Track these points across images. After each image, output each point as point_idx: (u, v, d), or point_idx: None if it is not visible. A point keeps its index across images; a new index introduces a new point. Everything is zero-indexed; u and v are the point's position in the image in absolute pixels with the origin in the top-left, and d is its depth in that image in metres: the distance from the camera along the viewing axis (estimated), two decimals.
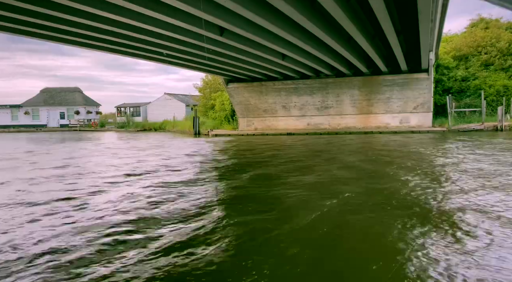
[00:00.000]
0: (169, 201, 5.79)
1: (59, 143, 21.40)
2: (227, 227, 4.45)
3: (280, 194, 6.27)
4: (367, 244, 3.95)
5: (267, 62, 16.63)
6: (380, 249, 3.77)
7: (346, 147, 14.51)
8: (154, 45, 12.84)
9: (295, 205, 5.57)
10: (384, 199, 5.69)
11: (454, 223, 4.37)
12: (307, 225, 4.49)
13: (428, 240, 3.84)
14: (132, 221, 4.75)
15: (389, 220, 4.58)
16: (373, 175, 7.93)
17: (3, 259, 3.57)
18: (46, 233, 4.30)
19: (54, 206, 5.61)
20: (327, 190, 6.56)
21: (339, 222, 4.72)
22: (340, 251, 3.82)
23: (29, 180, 8.17)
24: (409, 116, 21.88)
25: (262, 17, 9.21)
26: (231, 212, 5.18)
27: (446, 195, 5.81)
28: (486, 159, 9.40)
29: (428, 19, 9.91)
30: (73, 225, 4.63)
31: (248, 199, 6.08)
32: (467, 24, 30.02)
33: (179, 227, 4.45)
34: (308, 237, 4.14)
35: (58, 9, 8.64)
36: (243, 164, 10.88)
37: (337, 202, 5.55)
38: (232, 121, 27.37)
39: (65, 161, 11.61)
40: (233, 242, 3.97)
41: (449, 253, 3.48)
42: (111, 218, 4.88)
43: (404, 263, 3.30)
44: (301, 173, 8.36)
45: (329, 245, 3.93)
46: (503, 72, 24.46)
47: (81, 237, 4.15)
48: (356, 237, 4.18)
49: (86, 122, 43.49)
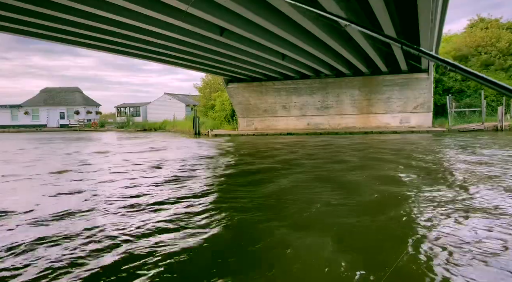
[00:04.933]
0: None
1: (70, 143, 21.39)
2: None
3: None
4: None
5: (267, 62, 16.63)
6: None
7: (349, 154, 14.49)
8: (154, 45, 12.83)
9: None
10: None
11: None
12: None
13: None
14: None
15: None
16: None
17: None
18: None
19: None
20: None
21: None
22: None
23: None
24: (409, 116, 21.88)
25: (262, 17, 9.21)
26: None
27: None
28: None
29: (428, 19, 9.91)
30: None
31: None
32: (467, 24, 30.06)
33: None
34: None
35: (58, 9, 8.65)
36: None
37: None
38: (232, 121, 27.37)
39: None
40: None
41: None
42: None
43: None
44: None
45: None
46: (503, 72, 24.48)
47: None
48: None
49: (86, 122, 43.50)
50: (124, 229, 4.35)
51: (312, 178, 7.57)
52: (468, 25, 29.47)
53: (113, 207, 5.43)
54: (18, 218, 4.96)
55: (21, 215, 5.07)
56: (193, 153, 13.49)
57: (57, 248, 3.76)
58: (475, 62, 25.26)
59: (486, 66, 25.12)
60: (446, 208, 4.91)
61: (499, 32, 26.17)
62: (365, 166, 9.07)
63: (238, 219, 4.78)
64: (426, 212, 4.76)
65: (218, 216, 4.86)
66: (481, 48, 25.82)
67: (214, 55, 14.56)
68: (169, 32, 10.70)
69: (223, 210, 5.19)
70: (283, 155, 12.08)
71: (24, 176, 8.65)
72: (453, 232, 3.93)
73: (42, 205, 5.69)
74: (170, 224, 4.55)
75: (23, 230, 4.43)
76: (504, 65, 24.73)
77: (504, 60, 24.88)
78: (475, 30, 27.80)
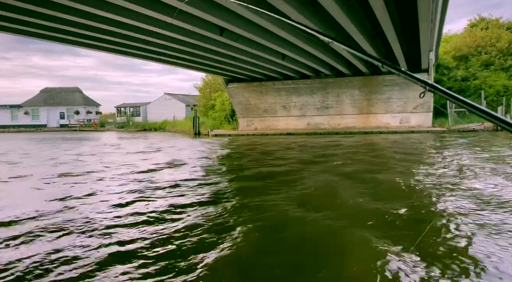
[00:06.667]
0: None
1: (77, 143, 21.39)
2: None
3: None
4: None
5: (267, 62, 16.63)
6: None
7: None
8: (154, 45, 12.83)
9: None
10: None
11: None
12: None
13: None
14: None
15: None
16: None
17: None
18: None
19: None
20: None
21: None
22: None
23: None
24: (409, 116, 21.87)
25: (262, 17, 9.21)
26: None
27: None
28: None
29: (428, 19, 9.91)
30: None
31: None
32: (467, 24, 30.07)
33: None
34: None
35: (58, 9, 8.65)
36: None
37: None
38: (232, 122, 27.35)
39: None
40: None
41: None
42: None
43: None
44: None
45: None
46: (503, 72, 24.47)
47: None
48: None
49: (86, 122, 43.48)
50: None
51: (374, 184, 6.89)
52: (468, 25, 29.50)
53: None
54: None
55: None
56: (202, 154, 13.47)
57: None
58: (475, 62, 25.25)
59: (486, 66, 25.11)
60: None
61: (499, 32, 26.16)
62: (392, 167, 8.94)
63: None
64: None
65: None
66: (481, 48, 25.82)
67: (214, 55, 14.55)
68: (169, 32, 10.70)
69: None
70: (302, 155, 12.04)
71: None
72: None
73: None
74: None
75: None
76: (504, 65, 24.72)
77: (504, 60, 24.88)
78: (475, 30, 27.80)
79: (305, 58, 15.21)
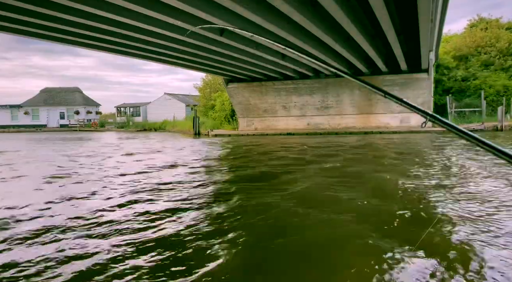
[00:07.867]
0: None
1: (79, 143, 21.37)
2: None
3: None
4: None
5: (267, 62, 16.63)
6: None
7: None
8: (154, 45, 12.83)
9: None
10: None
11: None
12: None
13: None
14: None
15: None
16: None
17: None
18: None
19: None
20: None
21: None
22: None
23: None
24: (409, 116, 21.84)
25: (261, 17, 9.20)
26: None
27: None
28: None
29: (428, 19, 9.90)
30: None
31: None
32: (466, 24, 30.07)
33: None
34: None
35: (58, 9, 8.65)
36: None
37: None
38: (232, 122, 27.35)
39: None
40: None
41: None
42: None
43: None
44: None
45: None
46: (503, 72, 24.47)
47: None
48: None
49: (86, 123, 43.47)
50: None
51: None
52: (468, 25, 29.49)
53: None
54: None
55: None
56: (203, 155, 13.48)
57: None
58: (475, 62, 25.25)
59: (486, 66, 25.11)
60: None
61: (499, 32, 26.16)
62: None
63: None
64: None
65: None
66: (481, 48, 25.82)
67: (214, 55, 14.55)
68: (169, 32, 10.70)
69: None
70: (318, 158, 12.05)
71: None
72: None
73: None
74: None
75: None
76: (504, 65, 24.72)
77: (504, 60, 24.88)
78: (475, 30, 27.80)
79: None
